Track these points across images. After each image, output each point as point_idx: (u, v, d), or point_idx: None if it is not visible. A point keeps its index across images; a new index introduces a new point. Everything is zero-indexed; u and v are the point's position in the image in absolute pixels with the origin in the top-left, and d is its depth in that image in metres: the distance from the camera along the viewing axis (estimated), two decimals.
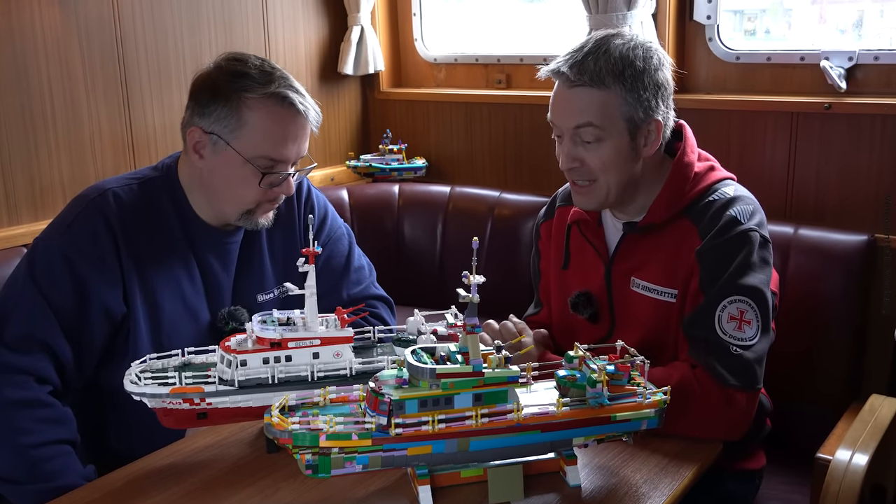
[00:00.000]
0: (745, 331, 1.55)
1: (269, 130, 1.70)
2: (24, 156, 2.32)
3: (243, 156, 1.70)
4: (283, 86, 1.70)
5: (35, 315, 1.63)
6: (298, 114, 1.71)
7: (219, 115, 1.69)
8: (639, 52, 1.63)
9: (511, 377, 1.30)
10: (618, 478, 1.40)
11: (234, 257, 1.85)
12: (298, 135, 1.73)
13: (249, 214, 1.76)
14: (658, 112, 1.65)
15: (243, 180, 1.72)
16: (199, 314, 1.80)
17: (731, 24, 2.79)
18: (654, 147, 1.67)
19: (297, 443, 1.25)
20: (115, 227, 1.70)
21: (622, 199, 1.70)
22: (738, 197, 1.66)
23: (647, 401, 1.34)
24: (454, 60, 3.22)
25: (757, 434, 1.82)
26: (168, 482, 1.44)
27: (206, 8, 2.72)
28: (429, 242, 2.94)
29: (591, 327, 1.80)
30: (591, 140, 1.63)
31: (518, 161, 3.00)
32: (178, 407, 1.45)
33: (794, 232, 2.20)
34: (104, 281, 1.68)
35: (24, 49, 2.29)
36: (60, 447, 1.59)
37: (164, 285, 1.75)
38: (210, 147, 1.72)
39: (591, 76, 1.60)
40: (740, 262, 1.58)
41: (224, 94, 1.69)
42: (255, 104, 1.69)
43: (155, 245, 1.75)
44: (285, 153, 1.72)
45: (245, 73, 1.70)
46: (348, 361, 1.48)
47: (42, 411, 1.60)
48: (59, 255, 1.66)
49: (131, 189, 1.76)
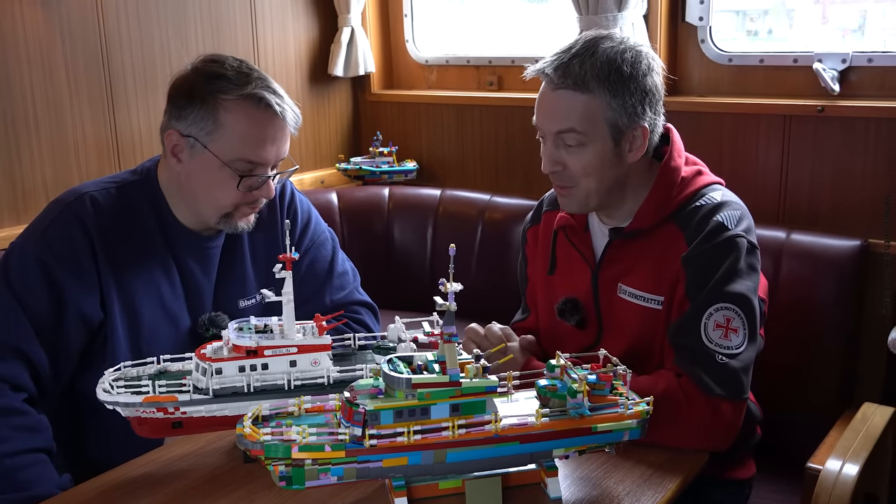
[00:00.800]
0: (732, 339, 1.52)
1: (246, 132, 1.67)
2: (6, 159, 2.30)
3: (221, 159, 1.67)
4: (260, 87, 1.67)
5: (9, 321, 1.60)
6: (275, 115, 1.68)
7: (195, 118, 1.66)
8: (627, 57, 1.59)
9: (489, 387, 1.27)
10: (600, 489, 1.37)
11: (215, 262, 1.82)
12: (277, 136, 1.70)
13: (228, 217, 1.73)
14: (644, 118, 1.61)
15: (221, 183, 1.68)
16: (179, 320, 1.77)
17: (733, 24, 2.77)
18: (639, 153, 1.64)
19: (269, 454, 1.22)
20: (92, 231, 1.67)
21: (607, 203, 1.67)
22: (726, 202, 1.63)
23: (630, 411, 1.31)
24: (445, 62, 3.19)
25: (746, 443, 1.79)
26: (142, 492, 1.41)
27: (192, 9, 2.69)
28: (419, 246, 2.91)
29: (578, 334, 1.77)
30: (574, 144, 1.60)
31: (510, 164, 2.98)
32: (153, 416, 1.42)
33: (787, 237, 2.17)
34: (80, 287, 1.65)
35: (6, 51, 2.26)
36: (35, 456, 1.56)
37: (142, 290, 1.72)
38: (188, 150, 1.69)
39: (574, 79, 1.58)
40: (727, 268, 1.55)
41: (200, 96, 1.66)
42: (231, 106, 1.66)
43: (133, 250, 1.72)
44: (263, 155, 1.69)
45: (221, 74, 1.67)
46: (326, 370, 1.45)
47: (16, 419, 1.57)
48: (34, 260, 1.63)
49: (109, 193, 1.73)
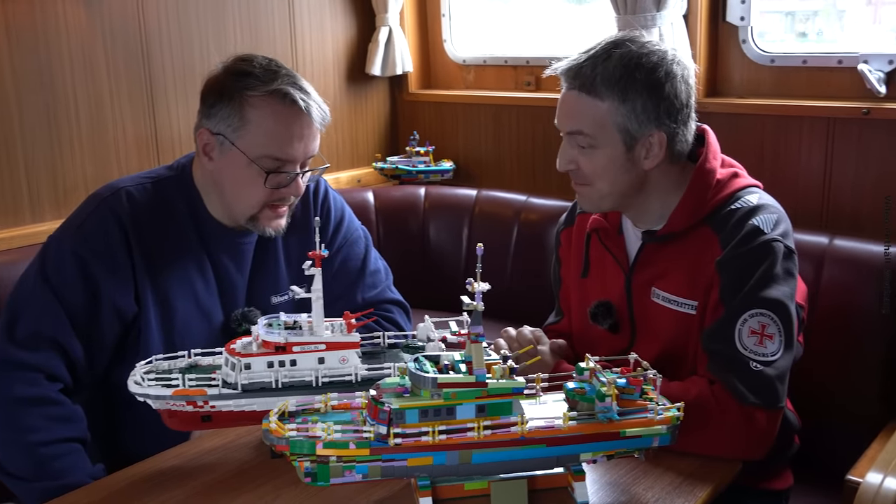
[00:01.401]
0: (767, 346, 1.48)
1: (272, 128, 1.67)
2: (48, 155, 2.34)
3: (248, 155, 1.68)
4: (286, 83, 1.67)
5: (46, 313, 1.63)
6: (300, 111, 1.68)
7: (223, 116, 1.68)
8: (643, 62, 1.55)
9: (516, 389, 1.25)
10: (628, 495, 1.34)
11: (249, 258, 1.83)
12: (304, 133, 1.70)
13: (254, 220, 1.74)
14: (661, 126, 1.58)
15: (249, 181, 1.69)
16: (212, 315, 1.79)
17: (782, 26, 2.72)
18: (655, 160, 1.60)
19: (293, 450, 1.22)
20: (128, 226, 1.69)
21: (626, 206, 1.66)
22: (762, 205, 1.59)
23: (659, 416, 1.28)
24: (483, 62, 3.18)
25: (783, 452, 1.75)
26: (170, 484, 1.42)
27: (231, 8, 2.72)
28: (454, 246, 2.90)
29: (611, 338, 1.74)
30: (585, 146, 1.60)
31: (546, 164, 2.95)
32: (182, 409, 1.43)
33: (829, 242, 2.12)
34: (115, 280, 1.67)
35: (49, 49, 2.31)
36: (69, 445, 1.59)
37: (176, 285, 1.74)
38: (217, 148, 1.70)
39: (583, 82, 1.57)
40: (762, 273, 1.51)
41: (228, 93, 1.67)
42: (257, 102, 1.67)
43: (168, 245, 1.74)
44: (290, 152, 1.69)
45: (249, 72, 1.68)
46: (354, 367, 1.45)
47: (52, 409, 1.60)
48: (70, 254, 1.66)
49: (145, 188, 1.75)
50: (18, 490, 1.57)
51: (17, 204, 2.29)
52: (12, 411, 1.57)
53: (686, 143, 1.64)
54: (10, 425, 1.57)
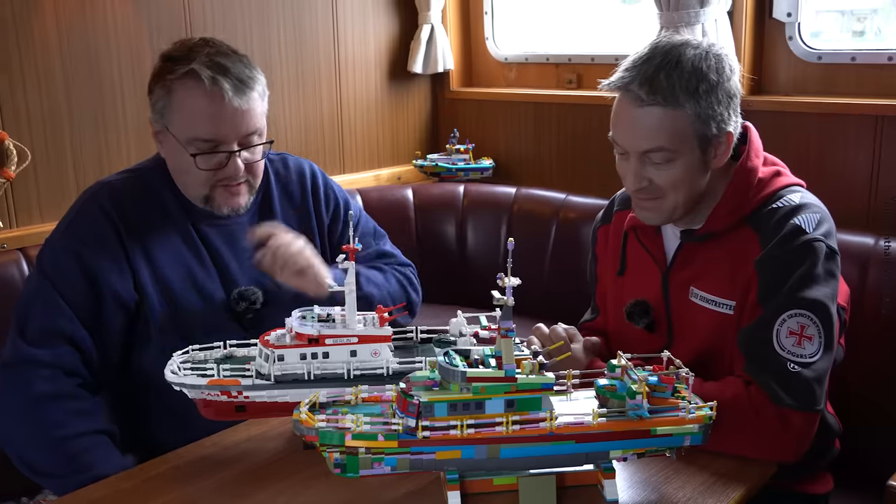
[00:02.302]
0: (806, 347, 1.45)
1: (190, 110, 1.67)
2: (96, 150, 2.40)
3: (178, 139, 1.69)
4: (202, 62, 1.66)
5: (52, 310, 1.66)
6: (211, 90, 1.65)
7: (156, 101, 1.71)
8: (711, 63, 1.51)
9: (545, 384, 1.25)
10: (659, 494, 1.33)
11: (241, 237, 1.83)
12: (224, 112, 1.67)
13: (209, 201, 1.76)
14: (730, 124, 1.55)
15: (187, 165, 1.71)
16: (213, 295, 1.80)
17: (838, 25, 2.66)
18: (723, 158, 1.57)
19: (322, 441, 1.23)
20: (114, 216, 1.72)
21: (688, 212, 1.61)
22: (805, 204, 1.56)
23: (691, 415, 1.26)
24: (525, 59, 3.17)
25: (822, 456, 1.71)
26: (202, 474, 1.44)
27: (275, 6, 2.75)
28: (492, 244, 2.90)
29: (647, 337, 1.72)
30: (661, 161, 1.54)
31: (586, 163, 2.93)
32: (217, 399, 1.45)
33: (875, 243, 2.07)
34: (112, 270, 1.70)
35: (98, 44, 2.36)
36: (96, 438, 1.61)
37: (172, 269, 1.76)
38: (161, 134, 1.74)
39: (664, 95, 1.49)
40: (803, 273, 1.48)
41: (158, 78, 1.70)
42: (176, 86, 1.68)
43: (158, 231, 1.76)
44: (215, 132, 1.68)
45: (173, 55, 1.69)
46: (386, 361, 1.46)
47: (71, 403, 1.62)
48: (64, 250, 1.69)
49: (128, 180, 1.79)
50: (51, 486, 1.61)
51: (65, 197, 2.34)
52: (35, 409, 1.60)
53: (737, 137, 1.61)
54: (34, 422, 1.59)
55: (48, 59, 2.28)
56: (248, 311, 1.78)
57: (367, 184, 3.08)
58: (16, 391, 1.61)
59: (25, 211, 2.29)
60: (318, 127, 2.97)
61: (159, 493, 1.39)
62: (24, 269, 2.11)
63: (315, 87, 2.94)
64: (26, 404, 1.60)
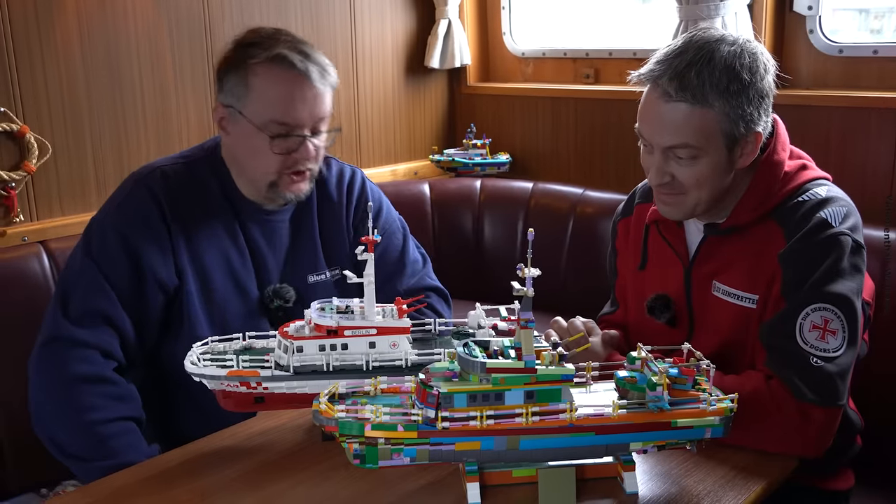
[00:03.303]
0: (829, 341, 1.43)
1: (273, 93, 1.70)
2: (116, 144, 2.41)
3: (254, 123, 1.71)
4: (286, 47, 1.69)
5: (95, 290, 1.68)
6: (299, 73, 1.69)
7: (231, 87, 1.72)
8: (745, 62, 1.48)
9: (565, 375, 1.24)
10: (679, 487, 1.32)
11: (282, 235, 1.86)
12: (306, 96, 1.71)
13: (274, 187, 1.76)
14: (759, 124, 1.52)
15: (259, 149, 1.72)
16: (248, 290, 1.82)
17: (855, 23, 2.64)
18: (750, 158, 1.55)
19: (342, 431, 1.23)
20: (163, 202, 1.73)
21: (711, 208, 1.59)
22: (831, 198, 1.54)
23: (712, 408, 1.25)
24: (542, 54, 3.16)
25: (844, 452, 1.70)
26: (223, 464, 1.44)
27: (293, 1, 2.75)
28: (509, 239, 2.89)
29: (668, 332, 1.71)
30: (685, 157, 1.52)
31: (604, 158, 2.92)
32: (236, 390, 1.45)
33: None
34: (156, 253, 1.72)
35: (118, 40, 2.38)
36: (126, 424, 1.63)
37: (213, 259, 1.78)
38: (230, 120, 1.74)
39: (693, 93, 1.46)
40: (828, 267, 1.46)
41: (234, 64, 1.71)
42: (258, 69, 1.69)
43: (203, 221, 1.78)
44: (294, 115, 1.71)
45: (253, 41, 1.72)
46: (404, 352, 1.45)
47: (108, 388, 1.64)
48: (112, 231, 1.71)
49: (178, 167, 1.80)
50: (77, 470, 1.62)
51: (85, 190, 2.36)
52: (70, 389, 1.61)
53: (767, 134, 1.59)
54: (68, 403, 1.61)
55: (69, 54, 2.29)
56: (280, 308, 1.79)
57: (383, 179, 3.08)
58: (53, 369, 1.63)
59: (46, 204, 2.31)
60: (334, 122, 2.97)
61: (179, 483, 1.39)
62: (45, 261, 2.13)
63: None
64: (62, 383, 1.62)
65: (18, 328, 1.95)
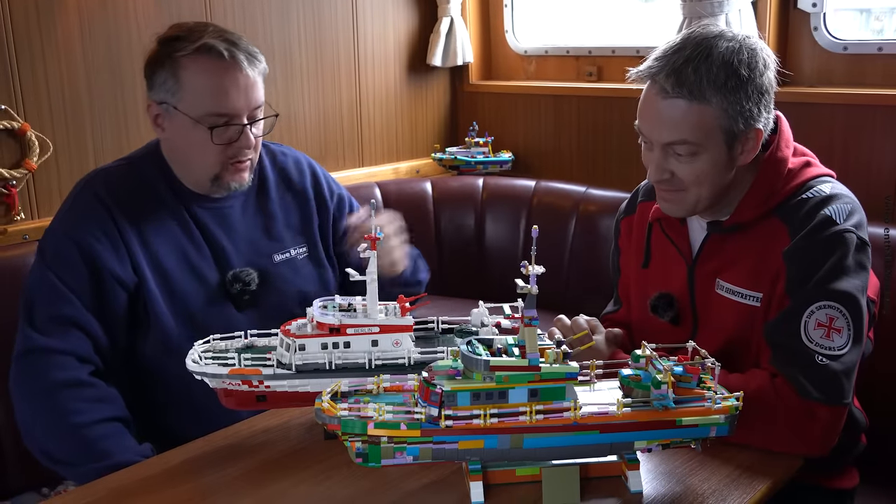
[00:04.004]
0: (834, 339, 1.42)
1: (204, 84, 1.69)
2: (117, 144, 2.41)
3: (190, 116, 1.70)
4: (212, 37, 1.69)
5: (57, 298, 1.67)
6: (228, 61, 1.69)
7: (161, 82, 1.71)
8: (744, 57, 1.48)
9: (569, 374, 1.23)
10: (684, 486, 1.31)
11: (237, 220, 1.87)
12: (239, 84, 1.71)
13: (218, 180, 1.77)
14: (759, 120, 1.51)
15: (199, 142, 1.72)
16: (207, 277, 1.81)
17: (857, 23, 2.63)
18: (751, 154, 1.54)
19: (345, 429, 1.22)
20: (108, 202, 1.73)
21: (712, 205, 1.59)
22: (835, 195, 1.53)
23: (717, 406, 1.25)
24: (545, 52, 3.15)
25: (849, 451, 1.69)
26: (224, 463, 1.44)
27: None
28: (511, 237, 2.89)
29: (672, 330, 1.70)
30: (685, 154, 1.51)
31: (607, 156, 2.91)
32: (238, 388, 1.45)
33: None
34: (110, 253, 1.71)
35: (119, 39, 2.37)
36: (112, 425, 1.62)
37: (167, 252, 1.78)
38: (165, 116, 1.74)
39: (690, 89, 1.46)
40: (833, 264, 1.45)
41: (161, 59, 1.71)
42: (187, 62, 1.69)
43: (152, 215, 1.78)
44: (228, 104, 1.71)
45: (177, 35, 1.71)
46: (407, 351, 1.45)
47: (87, 391, 1.63)
48: (64, 238, 1.71)
49: (121, 168, 1.81)
50: (69, 474, 1.62)
51: None
52: (51, 396, 1.60)
53: (768, 133, 1.58)
54: (50, 410, 1.60)
55: (70, 51, 2.29)
56: (243, 292, 1.80)
57: (385, 177, 3.07)
58: (31, 380, 1.63)
59: (47, 202, 2.30)
60: (337, 120, 2.97)
61: (179, 482, 1.39)
62: None
63: (334, 80, 2.94)
64: (42, 392, 1.61)
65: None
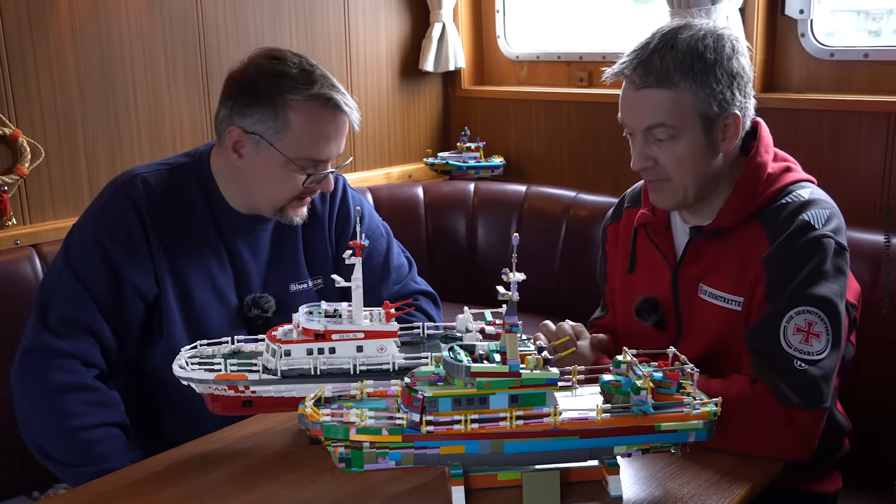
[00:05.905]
0: (813, 344, 1.44)
1: (314, 132, 1.71)
2: (108, 144, 2.42)
3: (286, 156, 1.71)
4: (326, 86, 1.70)
5: (74, 300, 1.67)
6: (342, 115, 1.72)
7: (262, 117, 1.70)
8: (708, 42, 1.53)
9: (549, 379, 1.24)
10: (663, 490, 1.32)
11: (265, 245, 1.86)
12: (340, 134, 1.75)
13: (282, 211, 1.78)
14: (734, 104, 1.55)
15: (284, 179, 1.73)
16: (227, 299, 1.81)
17: (854, 24, 2.64)
18: (733, 141, 1.57)
19: (327, 435, 1.23)
20: (143, 210, 1.73)
21: (701, 197, 1.61)
22: (814, 200, 1.55)
23: (696, 411, 1.26)
24: (536, 58, 3.16)
25: (831, 455, 1.70)
26: (209, 467, 1.45)
27: (287, 3, 2.76)
28: (502, 242, 2.90)
29: (656, 335, 1.72)
30: (664, 138, 1.55)
31: (597, 161, 2.93)
32: (224, 393, 1.45)
33: (887, 241, 2.05)
34: (135, 263, 1.71)
35: (111, 40, 2.38)
36: (109, 430, 1.63)
37: (193, 269, 1.77)
38: (251, 146, 1.72)
39: (657, 76, 1.52)
40: (811, 270, 1.47)
41: (267, 95, 1.69)
42: (299, 106, 1.69)
43: (184, 230, 1.77)
44: (327, 153, 1.74)
45: (285, 73, 1.70)
46: (392, 356, 1.46)
47: (90, 395, 1.64)
48: (91, 240, 1.71)
49: (161, 174, 1.79)
50: (63, 474, 1.62)
51: (78, 194, 2.36)
52: (52, 398, 1.61)
53: (749, 121, 1.61)
54: (50, 412, 1.61)
55: (62, 57, 2.30)
56: (259, 318, 1.80)
57: (377, 182, 3.08)
58: (34, 379, 1.63)
59: (39, 208, 2.31)
60: None
61: (166, 486, 1.40)
62: (38, 265, 2.14)
63: None
64: (44, 393, 1.62)
65: (10, 332, 1.95)
